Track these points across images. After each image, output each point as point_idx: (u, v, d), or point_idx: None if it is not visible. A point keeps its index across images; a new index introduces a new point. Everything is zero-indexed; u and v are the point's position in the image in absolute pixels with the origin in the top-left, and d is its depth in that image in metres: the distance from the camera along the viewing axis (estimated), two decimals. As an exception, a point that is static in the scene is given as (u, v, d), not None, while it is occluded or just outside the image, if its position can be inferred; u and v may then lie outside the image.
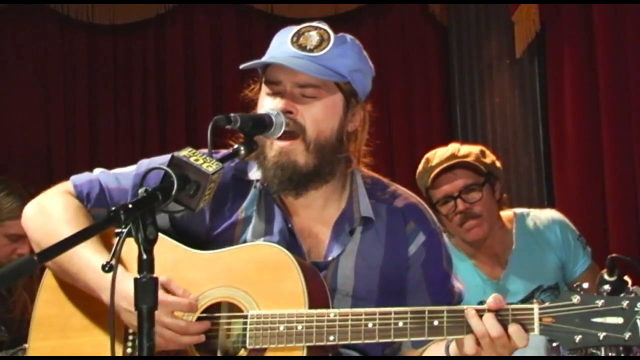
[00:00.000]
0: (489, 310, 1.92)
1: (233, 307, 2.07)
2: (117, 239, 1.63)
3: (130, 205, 1.64)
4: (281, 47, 2.18)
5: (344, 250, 2.19)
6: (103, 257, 1.98)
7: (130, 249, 1.65)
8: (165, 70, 6.04)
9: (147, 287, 1.63)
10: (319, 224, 2.23)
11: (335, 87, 2.17)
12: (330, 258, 2.18)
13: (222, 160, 1.90)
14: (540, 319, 1.89)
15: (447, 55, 5.89)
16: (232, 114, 2.00)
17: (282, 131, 2.09)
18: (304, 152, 2.14)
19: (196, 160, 1.83)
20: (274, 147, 2.14)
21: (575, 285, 1.94)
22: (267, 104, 2.16)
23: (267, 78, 2.18)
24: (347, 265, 2.19)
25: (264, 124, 2.07)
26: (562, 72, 4.99)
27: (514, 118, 5.48)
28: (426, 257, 2.24)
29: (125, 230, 1.63)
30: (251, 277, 2.06)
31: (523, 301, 3.35)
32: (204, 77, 6.01)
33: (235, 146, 2.02)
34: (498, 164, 3.52)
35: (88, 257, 2.06)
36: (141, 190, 1.73)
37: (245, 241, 2.18)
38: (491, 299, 1.94)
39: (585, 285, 1.93)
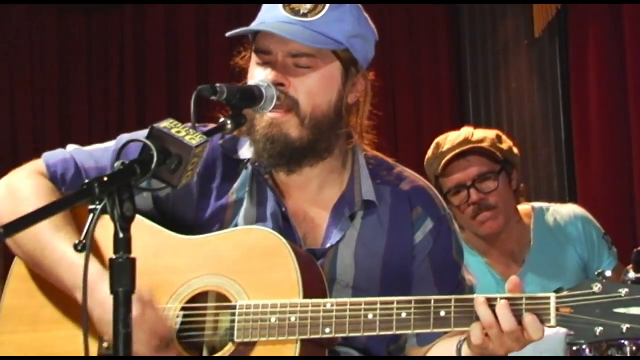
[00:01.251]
0: (502, 298, 1.93)
1: (221, 297, 2.08)
2: (91, 215, 1.62)
3: (105, 179, 1.64)
4: (272, 12, 2.19)
5: (343, 237, 2.20)
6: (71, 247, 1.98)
7: (109, 244, 1.65)
8: (145, 40, 6.12)
9: (124, 269, 1.62)
10: (316, 208, 2.24)
11: (333, 56, 2.18)
12: (328, 245, 2.19)
13: (208, 134, 1.90)
14: (557, 309, 1.89)
15: (458, 36, 5.92)
16: (218, 85, 2.00)
17: (272, 105, 2.11)
18: (298, 126, 2.15)
19: (178, 132, 1.83)
20: (265, 118, 2.15)
21: (597, 273, 1.95)
22: (258, 75, 2.17)
23: (257, 47, 2.19)
24: (347, 253, 2.20)
25: (253, 96, 2.08)
26: (586, 54, 4.99)
27: (533, 105, 5.50)
28: (434, 246, 2.25)
29: (99, 207, 1.63)
30: (241, 265, 2.06)
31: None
32: (187, 48, 6.08)
33: (222, 119, 2.03)
34: (515, 150, 3.53)
35: (63, 251, 2.06)
36: (117, 164, 1.73)
37: (236, 226, 2.19)
38: (510, 282, 1.96)
39: (608, 273, 1.94)
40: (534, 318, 1.91)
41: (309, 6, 2.16)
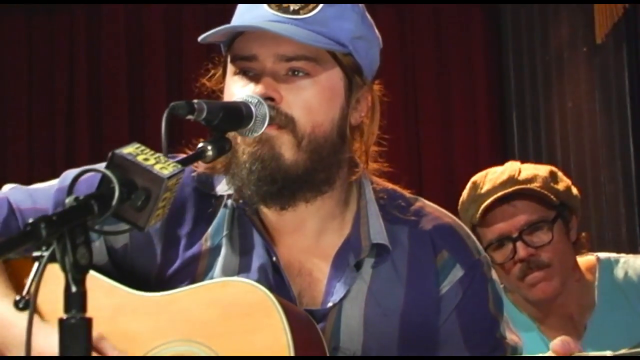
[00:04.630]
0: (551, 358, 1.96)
1: (192, 370, 2.09)
2: (36, 264, 1.61)
3: (54, 218, 1.63)
4: (252, 11, 2.20)
5: (348, 292, 2.20)
6: (10, 306, 1.99)
7: (47, 290, 1.64)
8: (101, 50, 6.13)
9: (77, 332, 1.62)
10: (314, 257, 2.25)
11: (333, 61, 2.19)
12: (330, 304, 2.20)
13: (183, 162, 1.90)
14: None
15: (498, 44, 5.97)
16: (195, 101, 2.00)
17: (264, 127, 2.10)
18: (293, 147, 2.15)
19: (146, 160, 1.83)
20: (250, 136, 2.14)
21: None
22: (237, 90, 2.17)
23: (237, 53, 2.19)
24: (354, 312, 2.20)
25: (239, 115, 2.08)
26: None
27: (594, 129, 5.52)
28: (463, 298, 2.25)
29: (47, 253, 1.62)
30: (216, 327, 2.07)
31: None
32: (154, 56, 6.13)
33: (201, 144, 2.02)
34: (574, 191, 3.51)
35: None
36: (69, 199, 1.72)
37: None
38: (558, 341, 1.99)
39: None
40: None
41: (299, 3, 2.18)
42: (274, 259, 2.20)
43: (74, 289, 1.64)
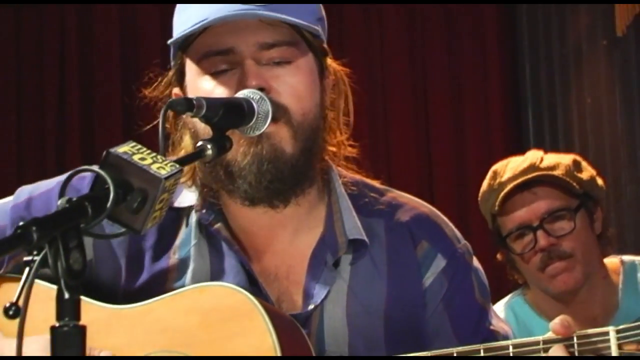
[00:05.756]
0: (547, 342, 1.99)
1: (174, 381, 2.12)
2: (27, 269, 1.61)
3: (46, 221, 1.62)
4: (211, 6, 2.17)
5: (329, 293, 2.21)
6: None
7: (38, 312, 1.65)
8: (92, 53, 6.13)
9: (70, 340, 1.61)
10: (290, 259, 2.25)
11: (306, 46, 2.21)
12: (311, 307, 2.20)
13: (181, 162, 1.90)
14: (619, 347, 1.95)
15: (514, 37, 5.97)
16: (195, 97, 2.01)
17: (266, 124, 2.10)
18: (291, 140, 2.16)
19: (142, 159, 1.82)
20: (245, 135, 2.14)
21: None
22: (214, 89, 2.17)
23: (207, 50, 2.18)
24: (337, 313, 2.21)
25: (240, 112, 2.08)
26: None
27: (614, 127, 5.53)
28: (449, 289, 2.27)
29: (38, 258, 1.61)
30: (196, 335, 2.08)
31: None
32: (148, 57, 6.06)
33: (200, 143, 2.02)
34: (600, 181, 3.51)
35: None
36: (62, 201, 1.72)
37: None
38: (557, 320, 1.99)
39: None
40: None
41: None
42: (247, 267, 2.21)
43: (66, 295, 1.63)
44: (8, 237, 1.63)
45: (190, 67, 2.21)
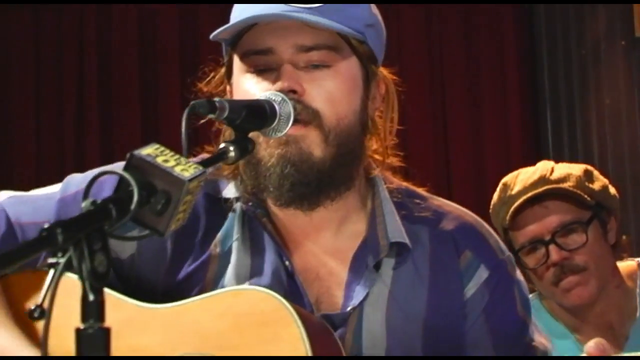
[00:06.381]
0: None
1: (205, 384, 2.11)
2: (52, 271, 1.61)
3: (71, 222, 1.62)
4: (257, 6, 2.18)
5: (368, 295, 2.20)
6: (12, 336, 2.04)
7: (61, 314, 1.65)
8: (112, 52, 6.17)
9: (95, 342, 1.62)
10: (333, 260, 2.25)
11: (350, 50, 2.20)
12: (349, 308, 2.19)
13: (204, 164, 1.90)
14: None
15: (531, 38, 5.97)
16: (217, 99, 2.00)
17: (288, 126, 2.10)
18: (321, 144, 2.15)
19: (166, 161, 1.82)
20: (274, 137, 2.14)
21: None
22: (252, 87, 2.17)
23: (249, 48, 2.19)
24: (376, 317, 2.20)
25: (263, 114, 2.08)
26: None
27: (633, 128, 5.52)
28: (491, 301, 2.26)
29: (63, 260, 1.61)
30: (230, 339, 2.07)
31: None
32: (168, 58, 6.16)
33: (223, 145, 2.01)
34: (612, 190, 3.49)
35: None
36: (86, 204, 1.72)
37: (223, 287, 2.19)
38: (592, 343, 1.96)
39: None
40: None
41: None
42: (287, 263, 2.21)
43: (91, 297, 1.64)
44: (33, 239, 1.63)
45: (236, 64, 2.22)
